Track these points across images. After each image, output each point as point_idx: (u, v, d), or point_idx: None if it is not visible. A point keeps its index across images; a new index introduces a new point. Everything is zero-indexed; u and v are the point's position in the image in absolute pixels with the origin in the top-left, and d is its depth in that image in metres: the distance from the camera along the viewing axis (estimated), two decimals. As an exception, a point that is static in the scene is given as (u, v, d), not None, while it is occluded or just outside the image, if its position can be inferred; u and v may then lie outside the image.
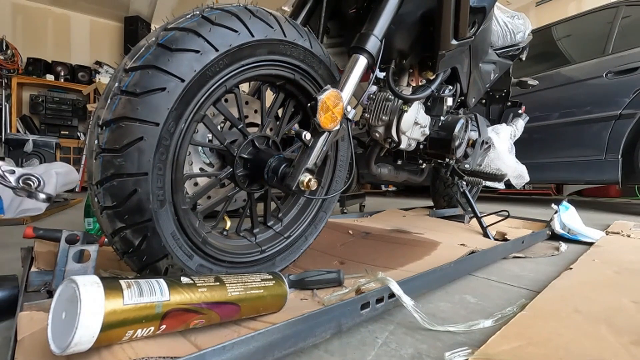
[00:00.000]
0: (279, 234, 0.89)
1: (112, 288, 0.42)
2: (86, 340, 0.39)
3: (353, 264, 0.98)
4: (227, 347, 0.43)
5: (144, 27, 5.58)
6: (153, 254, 0.62)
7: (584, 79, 2.66)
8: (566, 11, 4.96)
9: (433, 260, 1.01)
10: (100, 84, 4.85)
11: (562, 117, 2.73)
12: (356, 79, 0.76)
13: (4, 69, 4.65)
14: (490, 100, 1.99)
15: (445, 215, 1.89)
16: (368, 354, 0.53)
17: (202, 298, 0.49)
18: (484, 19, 1.10)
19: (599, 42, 2.71)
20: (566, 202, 1.52)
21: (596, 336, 0.56)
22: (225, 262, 0.76)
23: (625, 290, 0.77)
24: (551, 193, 4.84)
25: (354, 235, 1.34)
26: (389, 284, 0.64)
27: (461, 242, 1.22)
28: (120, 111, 0.56)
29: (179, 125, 0.62)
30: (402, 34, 0.98)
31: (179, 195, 0.65)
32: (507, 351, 0.50)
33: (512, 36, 1.54)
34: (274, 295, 0.60)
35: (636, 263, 0.99)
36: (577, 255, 1.10)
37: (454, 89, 1.25)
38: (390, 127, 1.07)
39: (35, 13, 5.25)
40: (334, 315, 0.57)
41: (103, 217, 0.58)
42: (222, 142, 0.74)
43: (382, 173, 1.30)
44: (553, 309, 0.66)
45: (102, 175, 0.56)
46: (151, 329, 0.45)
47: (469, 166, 1.43)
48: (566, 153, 2.72)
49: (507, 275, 0.96)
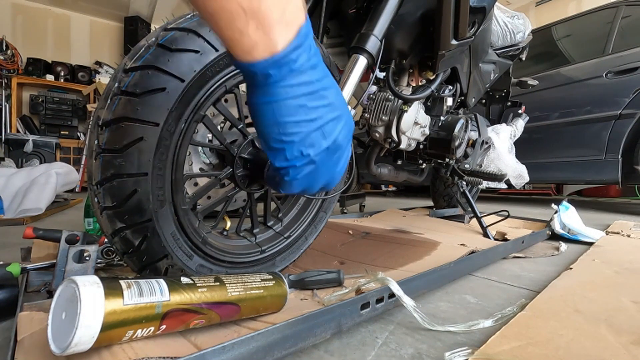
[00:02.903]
0: (279, 234, 0.89)
1: (112, 288, 0.42)
2: (86, 341, 0.39)
3: (353, 264, 0.98)
4: (227, 347, 0.43)
5: (144, 27, 5.58)
6: (153, 254, 0.62)
7: (584, 79, 2.66)
8: (566, 11, 4.97)
9: (433, 260, 1.01)
10: (100, 84, 4.85)
11: (562, 117, 2.73)
12: (356, 79, 0.76)
13: (4, 69, 4.66)
14: (490, 100, 1.99)
15: (445, 215, 1.89)
16: (368, 354, 0.53)
17: (202, 298, 0.49)
18: (483, 19, 1.09)
19: (598, 42, 2.72)
20: (566, 202, 1.52)
21: (596, 336, 0.56)
22: (225, 262, 0.76)
23: (625, 290, 0.77)
24: (551, 193, 4.84)
25: (354, 235, 1.34)
26: (389, 284, 0.64)
27: (461, 242, 1.22)
28: (120, 111, 0.56)
29: (179, 125, 0.62)
30: (402, 34, 0.98)
31: (179, 195, 0.65)
32: (507, 351, 0.50)
33: (512, 36, 1.54)
34: (274, 295, 0.60)
35: (636, 263, 0.99)
36: (577, 255, 1.10)
37: (454, 89, 1.25)
38: (390, 127, 1.07)
39: (35, 13, 5.25)
40: (334, 315, 0.57)
41: (103, 217, 0.58)
42: (222, 142, 0.74)
43: (382, 173, 1.30)
44: (553, 309, 0.66)
45: (102, 175, 0.56)
46: (151, 329, 0.45)
47: (469, 166, 1.43)
48: (566, 153, 2.72)
49: (507, 275, 0.96)
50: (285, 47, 0.32)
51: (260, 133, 0.38)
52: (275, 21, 0.31)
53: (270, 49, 0.32)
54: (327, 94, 0.38)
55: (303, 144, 0.37)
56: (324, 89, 0.38)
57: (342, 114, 0.41)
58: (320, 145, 0.39)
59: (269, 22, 0.31)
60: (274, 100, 0.35)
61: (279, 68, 0.33)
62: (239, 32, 0.31)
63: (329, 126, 0.39)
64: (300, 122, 0.36)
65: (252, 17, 0.30)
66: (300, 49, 0.34)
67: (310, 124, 0.37)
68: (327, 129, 0.39)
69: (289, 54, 0.33)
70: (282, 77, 0.34)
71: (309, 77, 0.36)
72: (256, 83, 0.35)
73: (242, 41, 0.31)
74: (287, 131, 0.36)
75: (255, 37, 0.31)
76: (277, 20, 0.31)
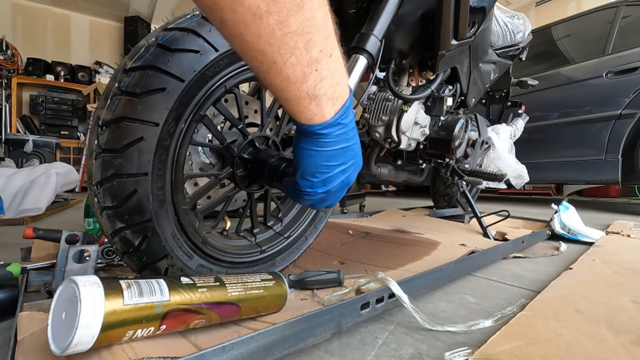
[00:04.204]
0: (279, 234, 0.89)
1: (112, 288, 0.42)
2: (86, 341, 0.39)
3: (353, 264, 0.98)
4: (227, 347, 0.43)
5: (143, 27, 5.58)
6: (153, 254, 0.62)
7: (584, 79, 2.66)
8: (566, 11, 4.97)
9: (433, 260, 1.01)
10: (100, 84, 4.85)
11: (562, 117, 2.73)
12: (356, 79, 0.76)
13: (4, 69, 4.66)
14: (490, 100, 1.99)
15: (445, 215, 1.89)
16: (368, 354, 0.53)
17: (202, 298, 0.49)
18: (483, 19, 1.09)
19: (598, 42, 2.71)
20: (566, 202, 1.51)
21: (596, 336, 0.56)
22: (225, 262, 0.76)
23: (625, 290, 0.77)
24: (551, 193, 4.84)
25: (354, 235, 1.34)
26: (389, 284, 0.64)
27: (461, 242, 1.22)
28: (120, 111, 0.56)
29: (179, 125, 0.62)
30: (402, 34, 0.98)
31: (179, 195, 0.65)
32: (507, 351, 0.50)
33: (512, 36, 1.54)
34: (274, 296, 0.60)
35: (636, 263, 0.99)
36: (577, 255, 1.10)
37: (454, 89, 1.25)
38: (390, 127, 1.07)
39: (35, 13, 5.25)
40: (334, 316, 0.57)
41: (103, 217, 0.58)
42: (222, 142, 0.74)
43: (382, 173, 1.30)
44: (553, 309, 0.66)
45: (102, 175, 0.56)
46: (151, 329, 0.45)
47: (469, 166, 1.43)
48: (566, 153, 2.72)
49: (507, 275, 0.96)
50: (333, 116, 0.46)
51: (299, 166, 0.51)
52: (328, 99, 0.44)
53: (324, 118, 0.46)
54: (355, 147, 0.52)
55: (328, 180, 0.51)
56: (354, 144, 0.51)
57: (359, 159, 0.54)
58: (340, 182, 0.53)
59: (324, 101, 0.44)
60: (318, 149, 0.48)
61: (328, 129, 0.47)
62: (304, 108, 0.44)
63: (349, 170, 0.53)
64: (332, 166, 0.50)
65: (313, 99, 0.43)
66: (343, 115, 0.47)
67: (337, 167, 0.51)
68: (347, 172, 0.53)
69: (336, 120, 0.46)
70: (327, 135, 0.47)
71: (346, 135, 0.49)
72: (309, 136, 0.48)
73: (305, 113, 0.44)
74: (321, 170, 0.50)
75: (315, 111, 0.44)
76: (329, 98, 0.44)
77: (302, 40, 0.38)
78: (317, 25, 0.38)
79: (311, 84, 0.41)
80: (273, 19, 0.35)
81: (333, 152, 0.49)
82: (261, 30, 0.35)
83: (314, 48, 0.39)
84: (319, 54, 0.40)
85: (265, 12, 0.34)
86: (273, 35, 0.36)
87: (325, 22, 0.40)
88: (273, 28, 0.35)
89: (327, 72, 0.42)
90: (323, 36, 0.40)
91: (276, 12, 0.35)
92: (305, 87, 0.41)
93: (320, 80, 0.42)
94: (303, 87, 0.41)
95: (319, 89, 0.42)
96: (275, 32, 0.36)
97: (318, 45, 0.40)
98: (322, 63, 0.41)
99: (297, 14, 0.36)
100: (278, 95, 0.43)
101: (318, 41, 0.39)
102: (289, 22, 0.36)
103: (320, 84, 0.42)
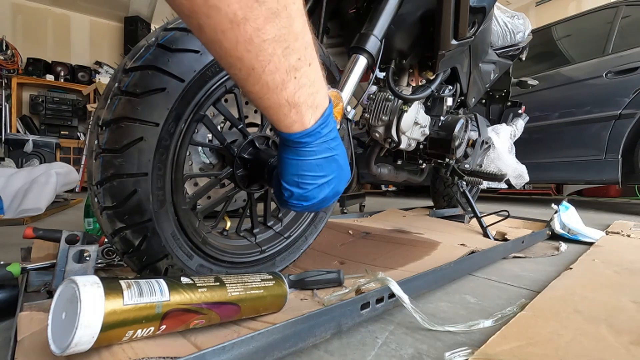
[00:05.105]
0: (279, 234, 0.89)
1: (112, 288, 0.42)
2: (86, 341, 0.39)
3: (353, 264, 0.98)
4: (227, 347, 0.43)
5: (144, 27, 5.58)
6: (153, 254, 0.62)
7: (584, 78, 2.66)
8: (566, 11, 4.97)
9: (433, 260, 1.01)
10: (100, 84, 4.85)
11: (562, 117, 2.73)
12: (356, 79, 0.76)
13: (4, 69, 4.66)
14: (490, 100, 1.99)
15: (445, 215, 1.89)
16: (368, 354, 0.53)
17: (202, 298, 0.49)
18: (483, 19, 1.09)
19: (598, 42, 2.72)
20: (566, 202, 1.51)
21: (596, 336, 0.56)
22: (225, 262, 0.76)
23: (625, 290, 0.77)
24: (551, 193, 4.84)
25: (354, 235, 1.34)
26: (389, 284, 0.64)
27: (461, 242, 1.22)
28: (120, 111, 0.56)
29: (179, 125, 0.62)
30: (402, 34, 0.98)
31: (179, 195, 0.65)
32: (507, 351, 0.50)
33: (512, 36, 1.55)
34: (274, 296, 0.60)
35: (636, 263, 0.99)
36: (577, 255, 1.10)
37: (454, 89, 1.25)
38: (390, 127, 1.07)
39: (35, 13, 5.25)
40: (334, 316, 0.57)
41: (103, 217, 0.58)
42: (222, 142, 0.74)
43: (382, 173, 1.30)
44: (553, 309, 0.66)
45: (102, 175, 0.56)
46: (151, 329, 0.45)
47: (469, 166, 1.43)
48: (566, 153, 2.72)
49: (507, 275, 0.96)
50: (313, 125, 0.46)
51: (283, 177, 0.51)
52: (308, 107, 0.45)
53: (304, 126, 0.46)
54: (338, 158, 0.52)
55: (313, 192, 0.51)
56: (337, 155, 0.51)
57: (345, 171, 0.54)
58: (325, 193, 0.53)
59: (304, 109, 0.44)
60: (300, 158, 0.49)
61: (307, 137, 0.47)
62: (283, 115, 0.44)
63: (334, 181, 0.53)
64: (316, 176, 0.50)
65: (293, 107, 0.43)
66: (323, 124, 0.48)
67: (321, 178, 0.51)
68: (332, 183, 0.53)
69: (316, 128, 0.47)
70: (308, 143, 0.47)
71: (327, 145, 0.49)
72: (290, 145, 0.48)
73: (285, 121, 0.45)
74: (304, 182, 0.50)
75: (295, 118, 0.45)
76: (309, 107, 0.45)
77: (280, 47, 0.38)
78: (294, 33, 0.39)
79: (290, 92, 0.42)
80: (250, 26, 0.35)
81: (315, 162, 0.49)
82: (239, 37, 0.35)
83: (292, 55, 0.39)
84: (298, 62, 0.41)
85: (242, 19, 0.34)
86: (251, 42, 0.36)
87: (303, 31, 0.40)
88: (251, 35, 0.36)
89: (306, 80, 0.43)
90: (302, 44, 0.40)
91: (253, 19, 0.35)
92: (285, 94, 0.42)
93: (299, 88, 0.42)
94: (282, 95, 0.41)
95: (299, 96, 0.43)
96: (253, 39, 0.36)
97: (296, 53, 0.40)
98: (302, 71, 0.42)
99: (273, 22, 0.36)
100: (258, 103, 0.43)
101: (296, 49, 0.40)
102: (266, 29, 0.36)
103: (299, 92, 0.43)
